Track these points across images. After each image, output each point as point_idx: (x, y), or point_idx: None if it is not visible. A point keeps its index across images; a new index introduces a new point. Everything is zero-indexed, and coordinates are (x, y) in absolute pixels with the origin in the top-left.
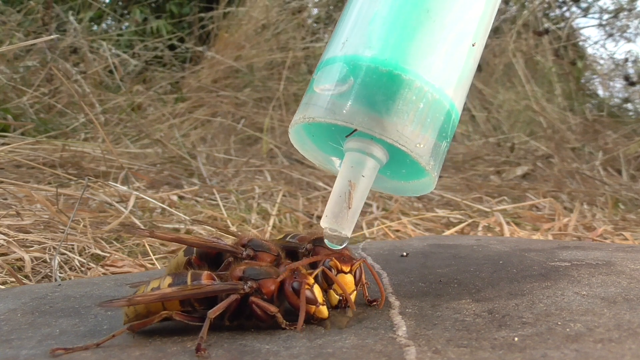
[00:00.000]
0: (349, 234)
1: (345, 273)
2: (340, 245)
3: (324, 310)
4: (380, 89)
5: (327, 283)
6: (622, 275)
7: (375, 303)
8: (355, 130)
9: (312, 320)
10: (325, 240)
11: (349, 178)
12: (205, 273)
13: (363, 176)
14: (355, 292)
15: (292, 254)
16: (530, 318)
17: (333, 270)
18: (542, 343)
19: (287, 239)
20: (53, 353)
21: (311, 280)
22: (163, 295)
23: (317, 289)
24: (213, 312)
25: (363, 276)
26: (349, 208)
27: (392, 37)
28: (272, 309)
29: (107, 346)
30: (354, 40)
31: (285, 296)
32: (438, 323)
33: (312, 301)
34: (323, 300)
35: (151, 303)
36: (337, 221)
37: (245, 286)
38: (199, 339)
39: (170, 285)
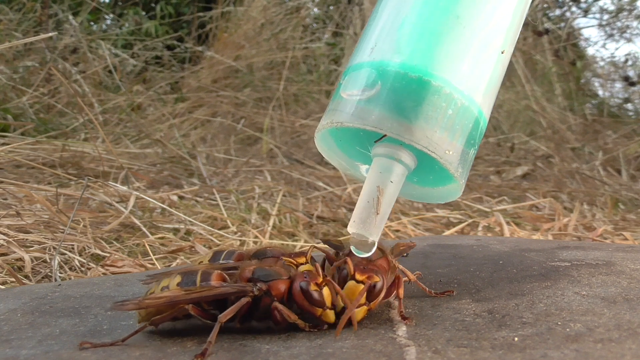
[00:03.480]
0: (377, 240)
1: (357, 282)
2: (367, 253)
3: (330, 315)
4: (410, 94)
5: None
6: (622, 275)
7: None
8: (385, 135)
9: (319, 323)
10: (352, 248)
11: (377, 183)
12: (216, 273)
13: (391, 182)
14: (366, 307)
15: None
16: (530, 318)
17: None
18: (542, 343)
19: (222, 256)
20: (81, 346)
21: (320, 279)
22: (172, 299)
23: (326, 291)
24: (224, 316)
25: (383, 293)
26: (377, 214)
27: (422, 43)
28: (293, 316)
29: (107, 347)
30: (383, 46)
31: (292, 295)
32: (438, 323)
33: (319, 303)
34: (332, 304)
35: (169, 303)
36: (364, 227)
37: (254, 288)
38: (207, 343)
39: (179, 285)
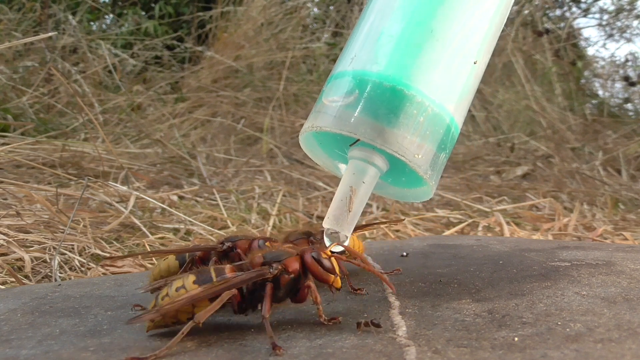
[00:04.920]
0: (349, 235)
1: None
2: (339, 246)
3: (339, 281)
4: (383, 102)
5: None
6: (622, 275)
7: (359, 291)
8: (358, 140)
9: (331, 290)
10: (326, 240)
11: (351, 184)
12: (228, 266)
13: (364, 182)
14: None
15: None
16: (530, 318)
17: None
18: (542, 343)
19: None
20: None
21: (328, 252)
22: (192, 297)
23: (333, 260)
24: (267, 312)
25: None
26: (349, 211)
27: (397, 54)
28: (320, 299)
29: (107, 347)
30: (362, 56)
31: (308, 267)
32: (438, 323)
33: (331, 270)
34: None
35: (189, 303)
36: (337, 222)
37: (271, 270)
38: (270, 339)
39: (195, 283)
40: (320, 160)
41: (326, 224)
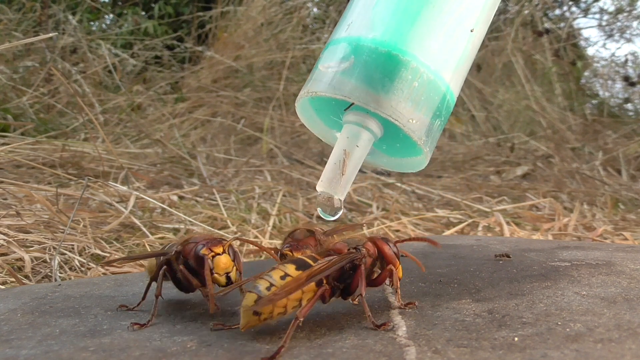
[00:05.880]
0: (342, 198)
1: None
2: (333, 216)
3: (401, 269)
4: (379, 67)
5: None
6: (622, 275)
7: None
8: (353, 104)
9: (390, 280)
10: (318, 210)
11: (344, 147)
12: (315, 254)
13: (357, 146)
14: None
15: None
16: (530, 318)
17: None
18: (542, 343)
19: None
20: (214, 328)
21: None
22: (311, 274)
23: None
24: (363, 291)
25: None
26: (343, 174)
27: (393, 21)
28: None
29: (107, 347)
30: (359, 23)
31: (382, 251)
32: (438, 323)
33: (398, 255)
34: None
35: (299, 289)
36: (331, 186)
37: (360, 253)
38: (369, 319)
39: (297, 270)
40: (315, 129)
41: (320, 187)
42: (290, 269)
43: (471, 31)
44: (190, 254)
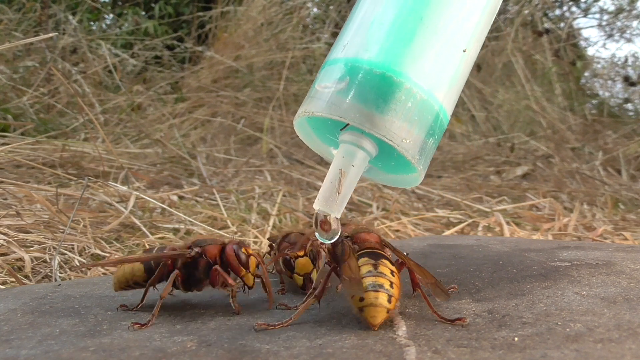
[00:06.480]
0: (338, 216)
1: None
2: (329, 240)
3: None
4: (373, 88)
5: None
6: (622, 275)
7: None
8: (348, 124)
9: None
10: (315, 233)
11: (340, 167)
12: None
13: (353, 165)
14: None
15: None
16: (530, 318)
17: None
18: (542, 343)
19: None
20: (258, 327)
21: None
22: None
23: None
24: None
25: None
26: (339, 193)
27: (387, 42)
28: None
29: (107, 347)
30: (355, 43)
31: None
32: (438, 323)
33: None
34: None
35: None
36: (327, 204)
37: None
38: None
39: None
40: (314, 146)
41: (316, 206)
42: (388, 264)
43: (464, 51)
44: (230, 254)
